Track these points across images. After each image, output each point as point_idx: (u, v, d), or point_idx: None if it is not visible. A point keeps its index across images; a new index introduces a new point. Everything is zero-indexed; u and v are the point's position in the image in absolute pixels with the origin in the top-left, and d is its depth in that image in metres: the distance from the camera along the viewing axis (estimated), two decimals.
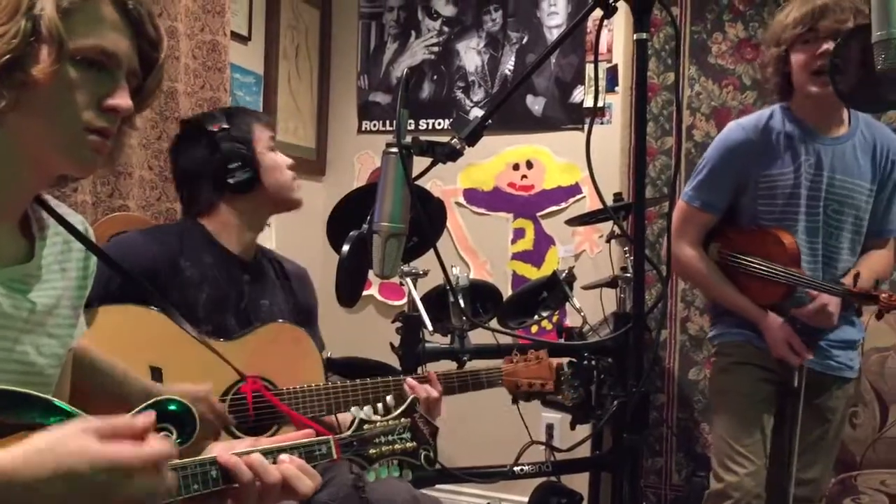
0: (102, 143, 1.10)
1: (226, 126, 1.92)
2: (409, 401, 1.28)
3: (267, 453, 1.11)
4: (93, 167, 1.14)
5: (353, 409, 1.25)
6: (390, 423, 1.25)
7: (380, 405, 1.27)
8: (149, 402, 1.07)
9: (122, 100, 1.10)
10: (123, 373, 1.45)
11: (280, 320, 1.92)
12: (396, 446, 1.25)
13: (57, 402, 1.02)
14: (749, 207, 2.24)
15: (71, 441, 0.89)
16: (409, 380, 1.93)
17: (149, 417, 0.96)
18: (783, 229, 2.18)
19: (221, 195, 1.92)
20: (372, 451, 1.23)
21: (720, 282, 2.27)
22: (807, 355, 2.16)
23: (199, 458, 1.06)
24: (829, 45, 2.06)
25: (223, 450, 1.09)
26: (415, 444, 1.26)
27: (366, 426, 1.23)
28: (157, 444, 0.93)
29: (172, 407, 1.08)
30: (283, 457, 1.12)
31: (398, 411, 1.27)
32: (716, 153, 2.25)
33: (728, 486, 2.20)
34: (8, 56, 1.00)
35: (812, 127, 2.20)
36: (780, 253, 2.15)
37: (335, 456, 1.19)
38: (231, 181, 1.89)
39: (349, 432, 1.22)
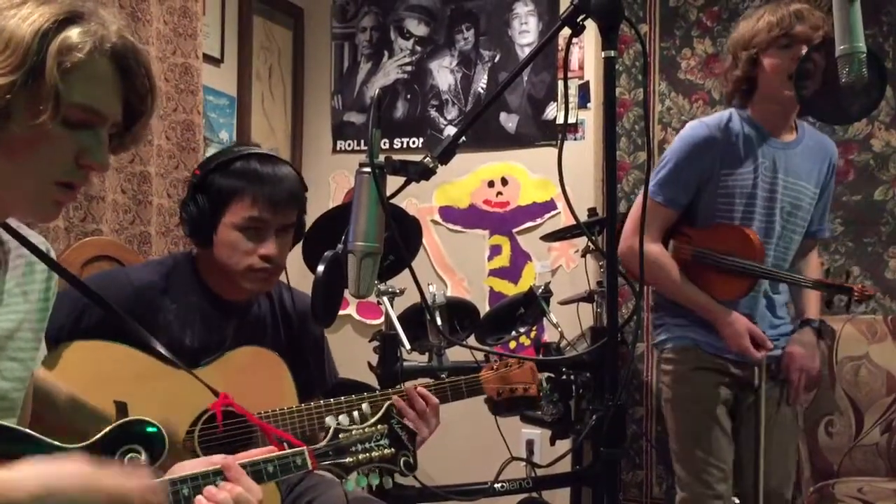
0: (68, 197, 1.09)
1: (211, 175, 1.76)
2: (385, 407, 1.28)
3: (243, 466, 1.11)
4: (52, 218, 1.14)
5: (328, 418, 1.24)
6: (366, 430, 1.25)
7: (356, 414, 1.26)
8: (119, 422, 1.07)
9: (102, 159, 1.08)
10: (84, 402, 1.44)
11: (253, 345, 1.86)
12: (374, 454, 1.24)
13: (23, 429, 1.02)
14: (707, 206, 2.26)
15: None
16: (407, 392, 1.90)
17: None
18: (745, 226, 2.21)
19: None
20: (349, 459, 1.22)
21: (682, 279, 2.27)
22: (769, 345, 2.20)
23: (169, 477, 1.06)
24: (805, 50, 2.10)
25: (195, 466, 1.10)
26: (393, 450, 1.26)
27: (341, 435, 1.23)
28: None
29: (141, 428, 1.08)
30: (223, 484, 1.11)
31: (374, 418, 1.27)
32: (679, 150, 2.26)
33: (703, 495, 2.22)
34: (3, 106, 0.97)
35: (767, 131, 2.25)
36: (747, 248, 2.18)
37: (310, 466, 1.18)
38: (186, 231, 1.81)
39: (324, 442, 1.22)
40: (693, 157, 2.23)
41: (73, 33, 1.01)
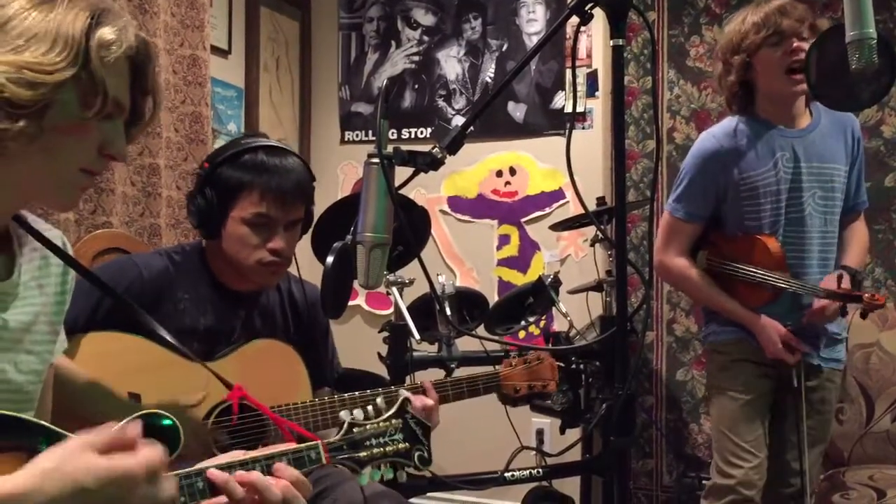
0: (89, 183, 1.14)
1: (219, 168, 1.76)
2: (399, 402, 1.27)
3: (255, 462, 1.11)
4: (74, 205, 1.18)
5: (342, 413, 1.24)
6: (381, 425, 1.24)
7: (370, 408, 1.26)
8: (135, 415, 1.08)
9: (123, 150, 1.13)
10: (102, 391, 1.45)
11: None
12: (388, 448, 1.23)
13: (37, 421, 1.02)
14: (733, 212, 2.28)
15: (75, 459, 0.91)
16: (402, 391, 1.90)
17: (136, 428, 0.97)
18: (767, 234, 2.22)
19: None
20: (363, 453, 1.21)
21: (710, 289, 2.31)
22: (804, 349, 2.21)
23: (185, 470, 1.06)
24: (798, 43, 2.12)
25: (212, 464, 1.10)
26: (407, 444, 1.25)
27: (356, 429, 1.22)
28: (151, 452, 0.95)
29: (157, 421, 1.08)
30: (279, 465, 1.12)
31: (389, 413, 1.26)
32: (692, 165, 2.30)
33: (733, 480, 2.24)
34: (48, 100, 1.02)
35: (779, 124, 2.25)
36: (766, 258, 2.20)
37: (324, 461, 1.18)
38: (194, 223, 1.81)
39: (338, 436, 1.21)
40: (705, 171, 2.26)
41: (108, 31, 1.06)
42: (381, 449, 1.23)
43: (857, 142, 2.32)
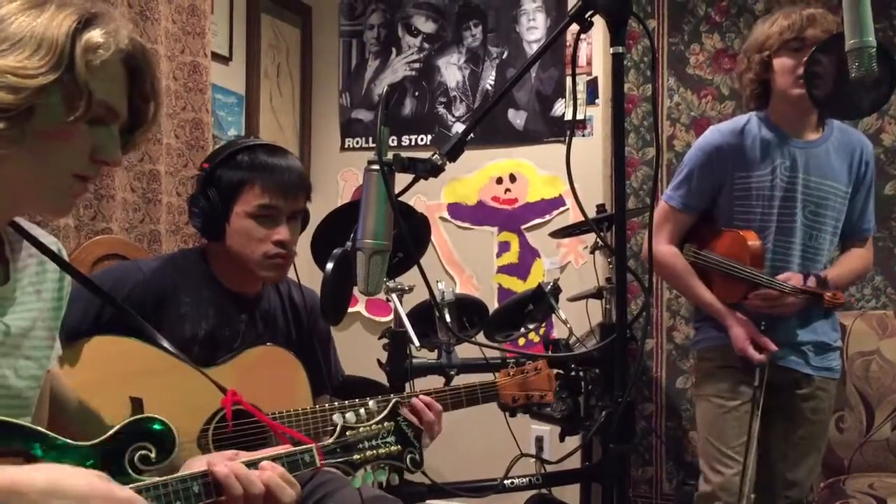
0: (82, 189, 1.13)
1: (220, 167, 1.79)
2: (391, 404, 1.29)
3: (250, 465, 1.12)
4: (68, 211, 1.17)
5: (335, 416, 1.25)
6: (373, 427, 1.26)
7: (363, 411, 1.27)
8: (130, 419, 1.08)
9: (116, 156, 1.12)
10: (88, 410, 1.43)
11: (268, 343, 1.87)
12: (381, 450, 1.25)
13: (33, 427, 1.02)
14: (725, 209, 2.30)
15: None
16: (415, 401, 1.89)
17: None
18: (749, 230, 2.23)
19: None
20: (356, 456, 1.23)
21: (689, 278, 2.34)
22: (772, 348, 2.20)
23: (182, 474, 1.06)
24: None
25: (205, 464, 1.10)
26: (399, 447, 1.27)
27: (349, 432, 1.24)
28: None
29: (152, 426, 1.08)
30: (265, 464, 1.13)
31: (381, 416, 1.28)
32: (694, 156, 2.33)
33: (716, 486, 2.24)
34: (31, 104, 1.01)
35: (787, 132, 2.26)
36: (743, 251, 2.21)
37: (318, 464, 1.19)
38: (197, 225, 1.82)
39: (332, 440, 1.22)
40: (705, 164, 2.29)
41: (96, 33, 1.05)
42: (374, 451, 1.25)
43: (864, 165, 2.31)
